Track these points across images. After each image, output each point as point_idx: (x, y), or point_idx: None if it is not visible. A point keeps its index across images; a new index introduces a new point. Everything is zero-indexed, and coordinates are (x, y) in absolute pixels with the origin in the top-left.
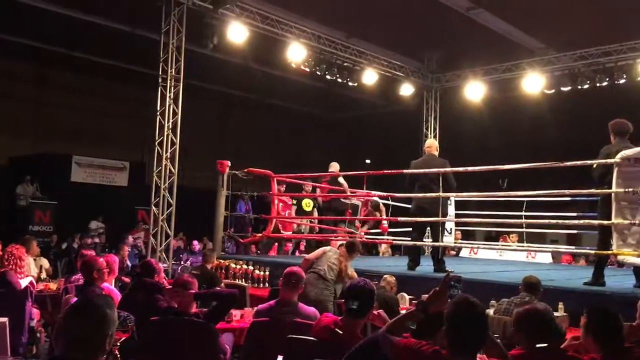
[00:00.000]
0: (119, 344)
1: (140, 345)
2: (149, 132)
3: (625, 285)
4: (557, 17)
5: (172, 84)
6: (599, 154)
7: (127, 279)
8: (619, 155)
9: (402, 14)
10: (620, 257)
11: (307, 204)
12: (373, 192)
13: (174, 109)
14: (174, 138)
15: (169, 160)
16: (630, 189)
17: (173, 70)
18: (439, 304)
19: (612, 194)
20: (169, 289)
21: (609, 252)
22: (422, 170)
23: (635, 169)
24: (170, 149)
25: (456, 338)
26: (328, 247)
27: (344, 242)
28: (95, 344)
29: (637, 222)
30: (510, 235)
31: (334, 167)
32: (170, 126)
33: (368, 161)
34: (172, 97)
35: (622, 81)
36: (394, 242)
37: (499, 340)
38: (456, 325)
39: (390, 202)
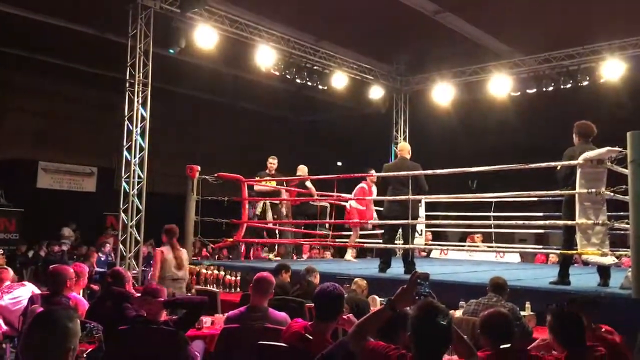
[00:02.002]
0: (85, 355)
1: (108, 355)
2: (117, 137)
3: (590, 284)
4: (522, 21)
5: (140, 88)
6: (563, 156)
7: (95, 287)
8: (582, 157)
9: (371, 18)
10: (584, 257)
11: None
12: (343, 195)
13: (142, 114)
14: (142, 143)
15: (137, 166)
16: (593, 190)
17: (141, 74)
18: (406, 301)
19: (576, 195)
20: (137, 297)
21: (573, 251)
22: (392, 174)
23: (597, 170)
24: (139, 154)
25: (420, 342)
26: None
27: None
28: (56, 358)
29: (600, 222)
30: (476, 235)
31: (302, 170)
32: (139, 131)
33: (339, 164)
34: (140, 101)
35: (585, 83)
36: (365, 245)
37: (466, 337)
38: (420, 330)
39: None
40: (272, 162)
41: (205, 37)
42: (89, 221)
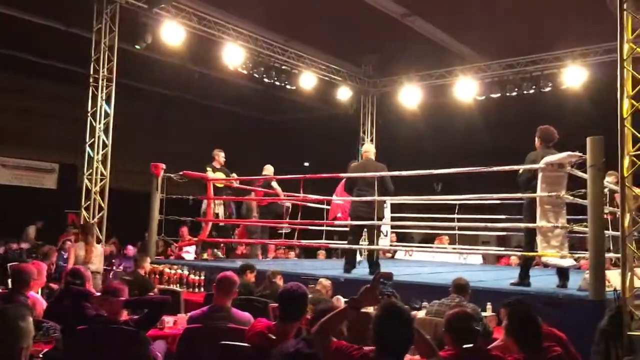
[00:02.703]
0: (42, 355)
1: (66, 355)
2: (80, 133)
3: (549, 285)
4: (487, 26)
5: (104, 84)
6: (525, 160)
7: (55, 286)
8: (543, 161)
9: (340, 19)
10: (544, 259)
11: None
12: (310, 196)
13: (106, 110)
14: (105, 139)
15: (100, 163)
16: (554, 193)
17: (105, 69)
18: (369, 301)
19: (537, 198)
20: (97, 297)
21: (534, 253)
22: (359, 175)
23: (558, 174)
24: (102, 150)
25: (383, 342)
26: None
27: None
28: (8, 357)
29: (560, 225)
30: (445, 237)
31: (268, 169)
32: (102, 127)
33: (306, 164)
34: (104, 97)
35: (547, 89)
36: (331, 245)
37: (428, 337)
38: (383, 330)
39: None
40: (222, 155)
41: (172, 33)
42: (49, 219)
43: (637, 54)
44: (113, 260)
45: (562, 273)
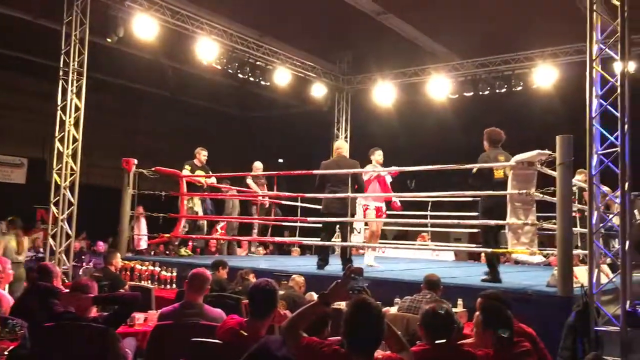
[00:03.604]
0: (7, 352)
1: (32, 352)
2: (50, 127)
3: (519, 281)
4: (461, 25)
5: (75, 77)
6: (478, 161)
7: (24, 283)
8: (514, 159)
9: (315, 16)
10: (514, 255)
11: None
12: (282, 193)
13: (76, 104)
14: (75, 134)
15: (70, 157)
16: (524, 191)
17: (75, 63)
18: (340, 296)
19: (507, 196)
20: (65, 293)
21: (504, 250)
22: (332, 171)
23: (528, 172)
24: (72, 145)
25: (354, 338)
26: None
27: None
28: None
29: (529, 222)
30: (426, 235)
31: (256, 167)
32: (72, 121)
33: (281, 161)
34: (74, 91)
35: (519, 88)
36: (304, 242)
37: (400, 333)
38: (353, 326)
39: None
40: (204, 154)
41: (145, 27)
42: (18, 214)
43: (606, 54)
44: (83, 257)
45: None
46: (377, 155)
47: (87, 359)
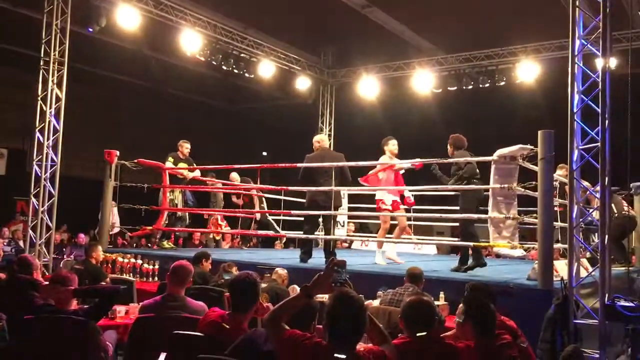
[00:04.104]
0: None
1: (11, 345)
2: (30, 118)
3: (501, 274)
4: (445, 20)
5: (56, 67)
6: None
7: (2, 275)
8: (496, 153)
9: (300, 8)
10: (495, 249)
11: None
12: (266, 187)
13: (57, 94)
14: (56, 125)
15: (50, 148)
16: (506, 185)
17: (56, 52)
18: (322, 288)
19: (490, 189)
20: (45, 286)
21: (485, 243)
22: (317, 165)
23: (510, 167)
24: (53, 136)
25: (335, 331)
26: None
27: None
28: None
29: (511, 216)
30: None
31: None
32: (53, 112)
33: (265, 154)
34: (55, 81)
35: (502, 83)
36: (288, 235)
37: (381, 325)
38: (335, 318)
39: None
40: (187, 146)
41: (127, 17)
42: None
43: (588, 50)
44: (64, 249)
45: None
46: (392, 146)
47: (68, 351)
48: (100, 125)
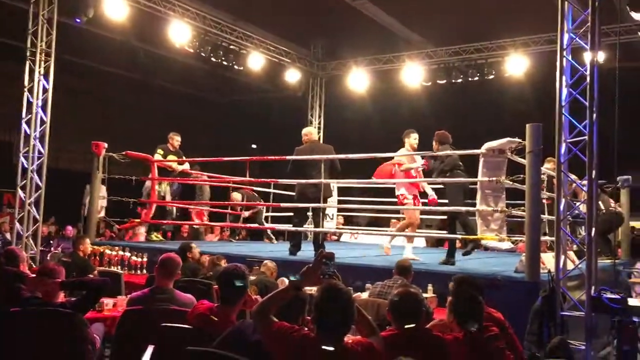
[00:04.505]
0: None
1: None
2: (16, 109)
3: (488, 267)
4: (435, 13)
5: (42, 58)
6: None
7: None
8: (484, 147)
9: (290, 0)
10: (483, 241)
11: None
12: (255, 180)
13: (44, 85)
14: (43, 116)
15: (37, 140)
16: (494, 178)
17: (43, 43)
18: (311, 281)
19: (478, 182)
20: (32, 278)
21: (474, 236)
22: (306, 157)
23: (498, 160)
24: (40, 127)
25: (323, 323)
26: None
27: None
28: None
29: (499, 208)
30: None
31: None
32: (40, 103)
33: (254, 146)
34: (42, 72)
35: (491, 77)
36: (276, 228)
37: (370, 317)
38: (322, 311)
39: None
40: (177, 139)
41: (116, 8)
42: None
43: (577, 44)
44: (51, 242)
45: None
46: (413, 139)
47: (55, 344)
48: (88, 117)
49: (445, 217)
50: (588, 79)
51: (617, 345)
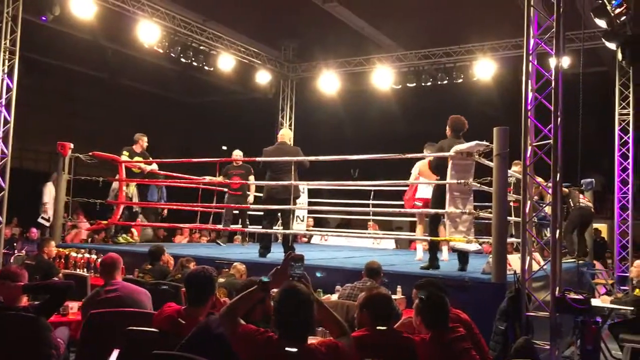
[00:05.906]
0: None
1: None
2: None
3: (455, 269)
4: (405, 17)
5: (7, 56)
6: (435, 148)
7: None
8: (453, 149)
9: (261, 1)
10: (451, 243)
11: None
12: (226, 181)
13: (8, 84)
14: (7, 116)
15: (0, 140)
16: (462, 181)
17: (8, 41)
18: (279, 282)
19: (447, 185)
20: None
21: (441, 238)
22: (275, 159)
23: (466, 162)
24: (3, 127)
25: (283, 324)
26: None
27: None
28: None
29: (467, 211)
30: (375, 225)
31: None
32: (4, 102)
33: (224, 147)
34: (5, 70)
35: (459, 81)
36: (246, 229)
37: (340, 318)
38: (283, 312)
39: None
40: (145, 140)
41: (83, 6)
42: None
43: (542, 49)
44: (15, 244)
45: (462, 257)
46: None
47: (17, 348)
48: (54, 117)
49: (414, 219)
50: (553, 83)
51: (581, 344)
